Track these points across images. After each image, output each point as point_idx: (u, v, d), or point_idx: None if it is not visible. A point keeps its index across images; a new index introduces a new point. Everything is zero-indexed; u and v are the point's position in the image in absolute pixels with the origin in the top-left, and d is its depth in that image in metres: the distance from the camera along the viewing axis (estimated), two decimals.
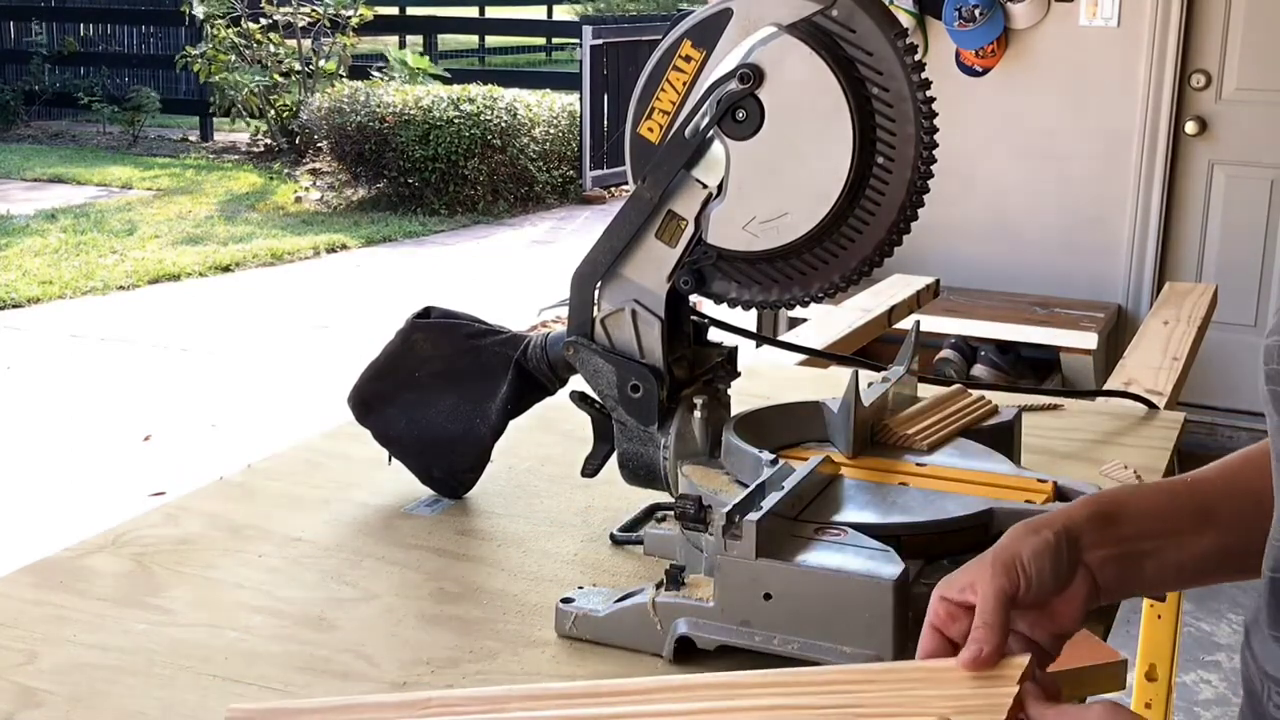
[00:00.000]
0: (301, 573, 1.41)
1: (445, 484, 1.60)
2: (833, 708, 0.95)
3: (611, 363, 1.40)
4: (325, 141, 10.33)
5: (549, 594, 1.33)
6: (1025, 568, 1.00)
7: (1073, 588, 1.02)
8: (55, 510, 4.57)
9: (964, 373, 4.70)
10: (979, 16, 4.79)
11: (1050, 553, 1.01)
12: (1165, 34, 4.71)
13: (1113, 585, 1.05)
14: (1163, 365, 2.46)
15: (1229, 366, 4.72)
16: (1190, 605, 3.74)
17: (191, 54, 11.66)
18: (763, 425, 1.40)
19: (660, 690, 1.01)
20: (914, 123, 1.27)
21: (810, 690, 0.97)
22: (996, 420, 1.50)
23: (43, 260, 8.22)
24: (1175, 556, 1.07)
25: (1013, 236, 5.04)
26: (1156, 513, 1.08)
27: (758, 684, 0.99)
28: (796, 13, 1.27)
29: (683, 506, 1.25)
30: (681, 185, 1.32)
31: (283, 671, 1.21)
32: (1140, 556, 1.06)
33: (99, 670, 1.21)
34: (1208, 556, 1.09)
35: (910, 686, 0.96)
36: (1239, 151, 4.81)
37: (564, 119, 10.73)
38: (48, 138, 13.47)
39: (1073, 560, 1.02)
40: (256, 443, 4.81)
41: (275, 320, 7.20)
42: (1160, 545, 1.06)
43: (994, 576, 0.99)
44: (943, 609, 1.01)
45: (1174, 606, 2.38)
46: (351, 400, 1.60)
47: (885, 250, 1.32)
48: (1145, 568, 1.06)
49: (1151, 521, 1.07)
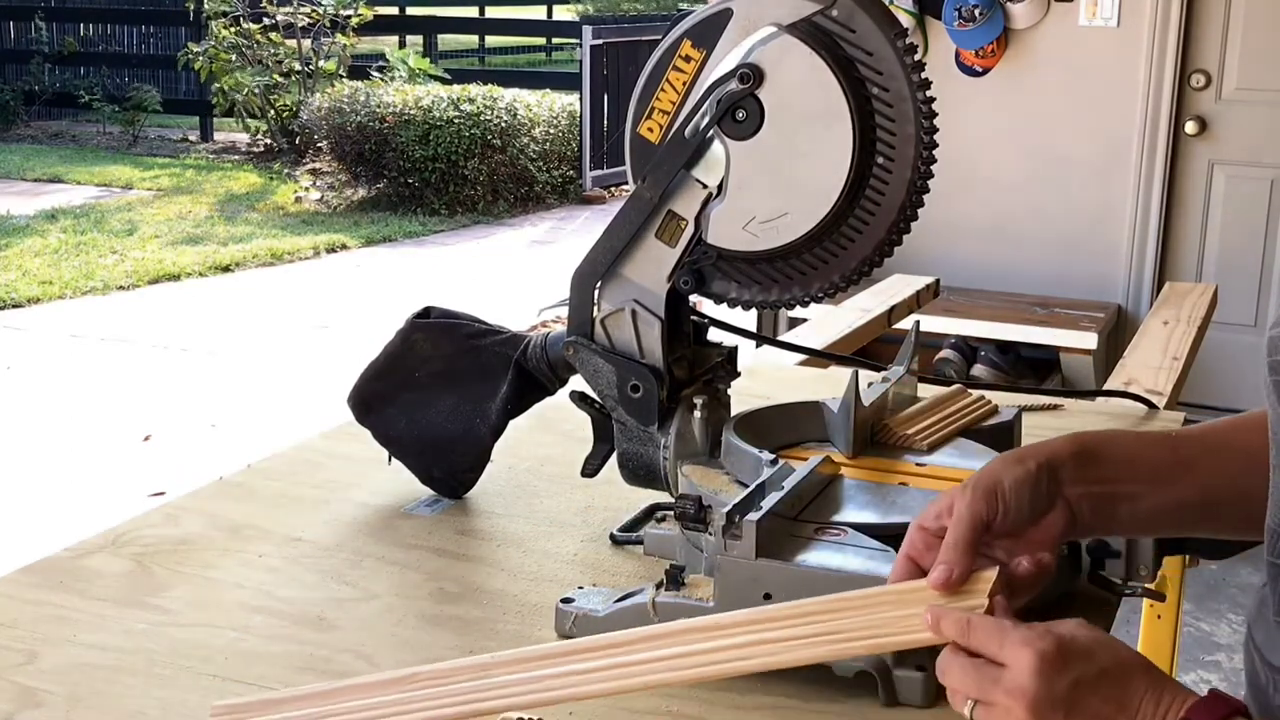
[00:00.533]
0: (301, 573, 1.41)
1: (445, 484, 1.60)
2: (813, 636, 0.99)
3: (611, 363, 1.40)
4: (325, 141, 10.33)
5: (549, 594, 1.33)
6: (1005, 496, 1.04)
7: (1050, 518, 1.06)
8: (55, 510, 4.57)
9: (964, 373, 4.69)
10: (979, 16, 4.79)
11: (1030, 482, 1.05)
12: (1165, 34, 4.71)
13: (1088, 521, 1.08)
14: (1163, 365, 2.46)
15: (1229, 366, 4.71)
16: (1190, 605, 3.74)
17: (194, 51, 11.65)
18: (763, 425, 1.40)
19: (642, 640, 1.03)
20: (914, 123, 1.27)
21: (789, 623, 1.00)
22: (996, 420, 1.50)
23: (43, 260, 8.22)
24: (1150, 502, 1.10)
25: (1013, 236, 5.03)
26: (1136, 458, 1.11)
27: (737, 623, 1.01)
28: (796, 13, 1.27)
29: (683, 506, 1.25)
30: (681, 185, 1.32)
31: (283, 671, 1.21)
32: (1117, 498, 1.09)
33: (99, 670, 1.21)
34: (1183, 507, 1.12)
35: (884, 609, 0.99)
36: (1239, 151, 4.81)
37: (564, 119, 10.73)
38: (48, 138, 13.47)
39: (1051, 492, 1.06)
40: (256, 443, 4.81)
41: (275, 320, 7.20)
42: (1137, 490, 1.10)
43: (972, 502, 1.03)
44: (919, 538, 1.04)
45: (1174, 606, 2.37)
46: (351, 400, 1.60)
47: (885, 250, 1.32)
48: (1120, 509, 1.09)
49: (1130, 466, 1.10)
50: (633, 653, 1.02)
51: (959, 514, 1.02)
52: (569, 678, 1.02)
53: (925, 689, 1.14)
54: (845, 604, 1.00)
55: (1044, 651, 0.90)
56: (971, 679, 0.94)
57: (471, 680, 1.04)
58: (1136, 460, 1.11)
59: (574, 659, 1.03)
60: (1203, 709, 0.89)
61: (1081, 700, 0.90)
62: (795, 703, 1.15)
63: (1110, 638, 0.94)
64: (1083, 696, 0.90)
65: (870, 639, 0.99)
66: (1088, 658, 0.91)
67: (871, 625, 0.99)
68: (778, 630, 1.00)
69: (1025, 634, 0.92)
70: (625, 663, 1.02)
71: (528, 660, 1.04)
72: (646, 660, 1.01)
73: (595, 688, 1.03)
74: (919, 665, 1.14)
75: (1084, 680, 0.90)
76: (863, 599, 1.01)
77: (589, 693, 1.03)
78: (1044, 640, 0.91)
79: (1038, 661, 0.90)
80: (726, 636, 1.01)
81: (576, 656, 1.03)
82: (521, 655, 1.05)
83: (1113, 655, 0.92)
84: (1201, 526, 1.17)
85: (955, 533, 1.01)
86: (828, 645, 0.99)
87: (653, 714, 1.14)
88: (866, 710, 1.14)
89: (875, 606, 1.00)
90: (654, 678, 1.02)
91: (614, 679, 1.02)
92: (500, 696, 1.03)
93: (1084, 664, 0.91)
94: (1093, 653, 0.91)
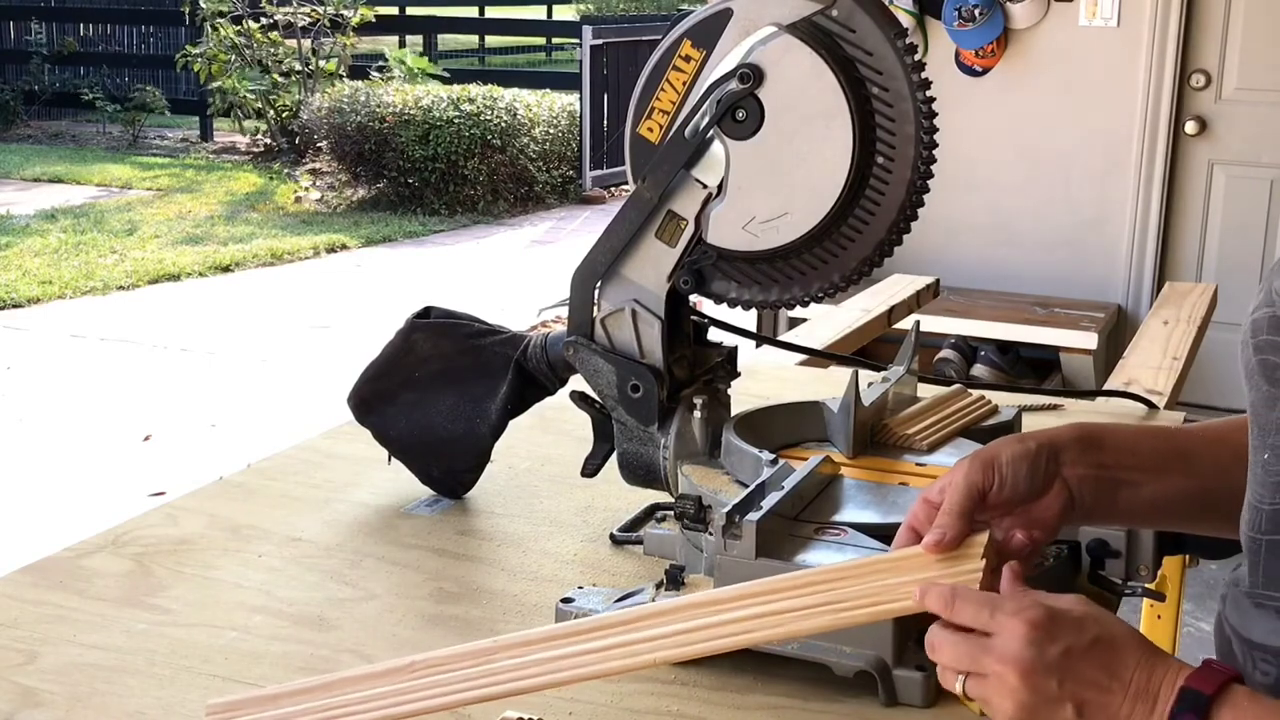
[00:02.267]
0: (301, 572, 1.41)
1: (445, 484, 1.60)
2: (813, 606, 1.00)
3: (611, 363, 1.40)
4: (325, 141, 10.32)
5: (549, 594, 1.33)
6: (1002, 468, 1.07)
7: (1049, 497, 1.09)
8: (55, 510, 4.56)
9: (964, 373, 4.69)
10: (979, 16, 4.79)
11: (1029, 459, 1.08)
12: (1165, 34, 4.71)
13: (1088, 504, 1.11)
14: (1163, 365, 2.46)
15: (1229, 366, 4.68)
16: (1190, 605, 3.74)
17: (192, 53, 11.65)
18: (763, 425, 1.40)
19: (644, 618, 1.03)
20: (914, 123, 1.27)
21: (788, 594, 1.01)
22: (996, 420, 1.50)
23: (43, 260, 8.22)
24: (1148, 491, 1.13)
25: (1013, 236, 5.03)
26: (1137, 447, 1.15)
27: (737, 596, 1.02)
28: (796, 13, 1.27)
29: (683, 506, 1.25)
30: (681, 185, 1.32)
31: (283, 672, 1.21)
32: (1116, 483, 1.12)
33: (99, 670, 1.21)
34: (1181, 498, 1.15)
35: (881, 576, 1.00)
36: (1239, 151, 4.81)
37: (564, 119, 10.72)
38: (47, 138, 13.46)
39: (1050, 471, 1.09)
40: (256, 443, 4.81)
41: (275, 320, 7.20)
42: (1136, 477, 1.13)
43: (969, 471, 1.06)
44: (922, 511, 1.07)
45: (1174, 606, 2.37)
46: (351, 400, 1.60)
47: (885, 250, 1.32)
48: (1119, 496, 1.12)
49: (1132, 454, 1.14)
50: (635, 630, 1.02)
51: (955, 482, 1.05)
52: (573, 659, 1.02)
53: (925, 689, 1.14)
54: (843, 573, 1.01)
55: (1035, 619, 0.91)
56: (962, 651, 0.94)
57: (474, 666, 1.04)
58: (1138, 448, 1.14)
59: (576, 640, 1.03)
60: (1200, 677, 0.90)
61: (1074, 667, 0.91)
62: (795, 703, 1.15)
63: (1104, 611, 0.95)
64: (1075, 664, 0.91)
65: (870, 607, 0.99)
66: (1079, 628, 0.92)
67: (870, 593, 1.00)
68: (778, 602, 1.00)
69: (1016, 603, 0.93)
70: (628, 641, 1.02)
71: (531, 643, 1.04)
72: (649, 638, 1.01)
73: (600, 668, 1.02)
74: (919, 665, 1.14)
75: (1075, 648, 0.91)
76: (860, 567, 1.02)
77: (594, 673, 1.03)
78: (1034, 609, 0.92)
79: (1028, 629, 0.91)
80: (727, 611, 1.01)
81: (579, 637, 1.03)
82: (524, 639, 1.05)
83: (1105, 627, 0.93)
84: (1201, 521, 1.19)
85: (951, 499, 1.04)
86: (829, 615, 0.99)
87: (653, 714, 1.14)
88: (866, 710, 1.14)
89: (873, 574, 1.01)
90: (658, 655, 1.02)
91: (618, 658, 1.02)
92: (504, 681, 1.03)
93: (1075, 633, 0.91)
94: (1084, 623, 0.92)
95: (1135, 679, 0.91)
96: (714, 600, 1.03)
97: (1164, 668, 0.91)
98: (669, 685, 1.19)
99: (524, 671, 1.03)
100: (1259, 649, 1.05)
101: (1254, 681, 1.06)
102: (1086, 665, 0.91)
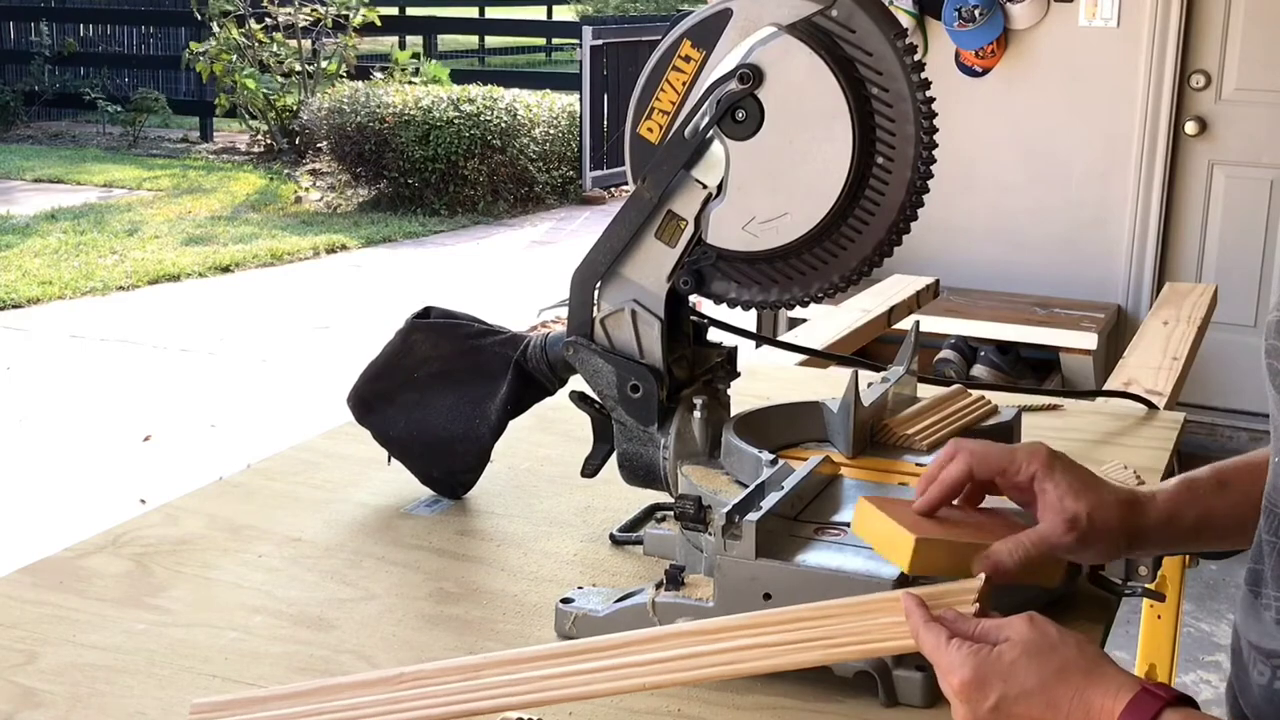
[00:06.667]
0: (301, 573, 1.41)
1: (445, 484, 1.60)
2: (807, 641, 1.02)
3: (611, 363, 1.40)
4: (325, 142, 10.32)
5: (549, 594, 1.33)
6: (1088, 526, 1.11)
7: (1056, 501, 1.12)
8: (55, 510, 4.57)
9: (964, 373, 4.69)
10: (979, 16, 4.79)
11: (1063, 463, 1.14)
12: (1165, 34, 4.71)
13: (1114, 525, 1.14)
14: (1163, 365, 2.46)
15: (1229, 366, 4.71)
16: (1190, 605, 3.74)
17: (196, 51, 11.64)
18: (763, 425, 1.40)
19: (634, 643, 1.04)
20: (914, 123, 1.27)
21: (779, 629, 1.03)
22: (996, 420, 1.50)
23: (43, 260, 8.21)
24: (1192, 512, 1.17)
25: (1013, 236, 5.03)
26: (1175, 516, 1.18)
27: (727, 628, 1.03)
28: (796, 13, 1.27)
29: (683, 506, 1.25)
30: (681, 185, 1.32)
31: (282, 672, 1.21)
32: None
33: (99, 670, 1.21)
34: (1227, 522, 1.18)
35: (873, 615, 1.03)
36: (1239, 151, 4.81)
37: (564, 119, 10.72)
38: (48, 138, 13.46)
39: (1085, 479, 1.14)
40: (256, 443, 4.81)
41: (275, 320, 7.19)
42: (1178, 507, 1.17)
43: (1053, 532, 1.11)
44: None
45: (1174, 606, 2.37)
46: (351, 400, 1.60)
47: (885, 250, 1.32)
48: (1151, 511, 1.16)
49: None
50: (627, 655, 1.02)
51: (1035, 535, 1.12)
52: (562, 679, 1.02)
53: (925, 689, 1.14)
54: (834, 611, 1.03)
55: (964, 681, 0.96)
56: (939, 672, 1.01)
57: (462, 680, 1.04)
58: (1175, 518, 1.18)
59: (567, 661, 1.03)
60: (1133, 710, 0.92)
61: (1011, 713, 0.95)
62: (795, 703, 1.15)
63: (1040, 639, 0.97)
64: (1010, 711, 0.95)
65: (862, 644, 1.02)
66: (1007, 677, 0.95)
67: (863, 631, 1.02)
68: (771, 635, 1.01)
69: (952, 657, 0.97)
70: (619, 664, 1.02)
71: (520, 661, 1.04)
72: (640, 663, 1.02)
73: (588, 689, 1.03)
74: (919, 665, 1.14)
75: (1006, 697, 0.95)
76: (851, 607, 1.03)
77: (581, 694, 1.04)
78: (963, 669, 0.96)
79: (960, 688, 0.96)
80: (721, 640, 1.02)
81: (569, 659, 1.03)
82: (513, 656, 1.05)
83: (1038, 664, 0.95)
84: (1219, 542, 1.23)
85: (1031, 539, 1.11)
86: (821, 650, 1.02)
87: (653, 714, 1.14)
88: (866, 710, 1.14)
89: (865, 614, 1.02)
90: (648, 680, 1.02)
91: (607, 680, 1.02)
92: (491, 697, 1.03)
93: (1004, 683, 0.95)
94: (1014, 671, 0.95)
95: (1073, 712, 0.93)
96: (704, 630, 1.04)
97: (1101, 695, 0.93)
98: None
99: (513, 689, 1.03)
100: (1258, 649, 1.05)
101: (1252, 681, 1.06)
102: (1021, 710, 0.95)
